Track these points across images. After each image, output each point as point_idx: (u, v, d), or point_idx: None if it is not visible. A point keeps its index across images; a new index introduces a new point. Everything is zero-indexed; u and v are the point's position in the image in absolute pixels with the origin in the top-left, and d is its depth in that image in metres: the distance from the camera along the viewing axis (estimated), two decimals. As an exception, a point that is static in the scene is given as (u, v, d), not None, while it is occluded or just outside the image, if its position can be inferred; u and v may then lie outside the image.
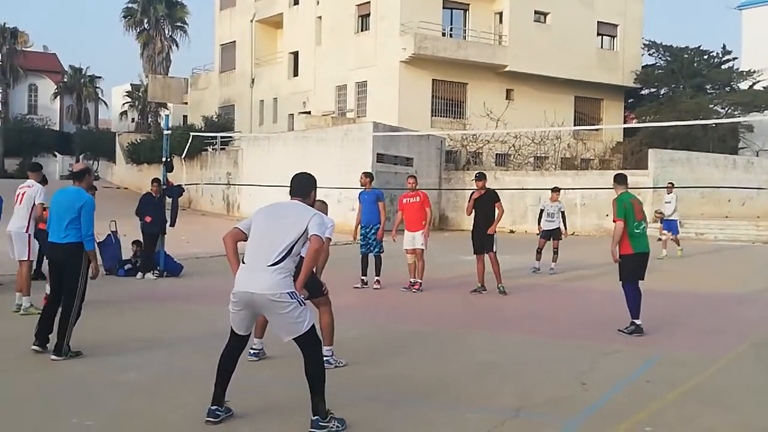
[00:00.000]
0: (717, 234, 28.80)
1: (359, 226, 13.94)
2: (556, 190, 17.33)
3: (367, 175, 14.27)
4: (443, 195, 31.62)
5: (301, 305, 5.53)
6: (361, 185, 14.11)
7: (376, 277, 13.61)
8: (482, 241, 13.05)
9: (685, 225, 29.35)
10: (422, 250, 13.33)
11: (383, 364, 7.42)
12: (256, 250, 5.59)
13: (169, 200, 15.90)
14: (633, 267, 9.74)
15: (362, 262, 13.79)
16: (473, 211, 13.19)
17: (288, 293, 5.47)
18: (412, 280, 13.40)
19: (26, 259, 10.55)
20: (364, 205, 13.87)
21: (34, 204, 10.58)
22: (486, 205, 13.05)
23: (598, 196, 29.91)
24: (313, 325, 5.63)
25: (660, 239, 20.91)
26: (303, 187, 6.07)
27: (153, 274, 14.78)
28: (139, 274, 14.77)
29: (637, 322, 9.62)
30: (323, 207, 7.69)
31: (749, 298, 13.47)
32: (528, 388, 6.97)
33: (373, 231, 13.63)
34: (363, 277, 13.72)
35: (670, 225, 20.85)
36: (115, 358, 7.95)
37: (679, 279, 15.93)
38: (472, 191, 13.66)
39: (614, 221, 9.76)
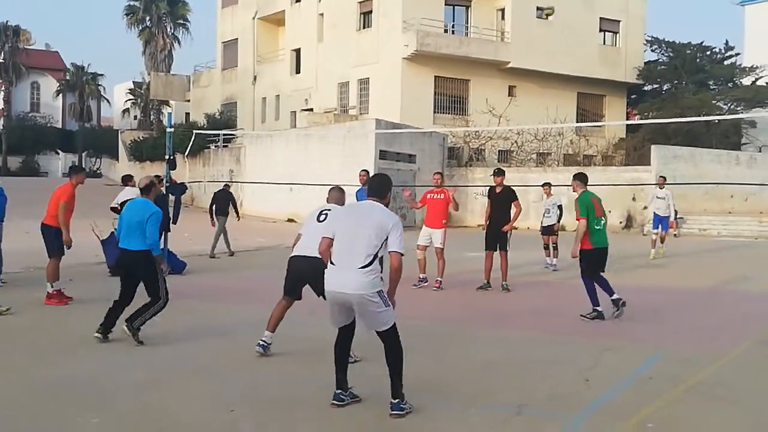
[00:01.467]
0: (720, 230, 28.77)
1: None
2: (547, 185, 17.24)
3: (366, 172, 14.26)
4: (446, 192, 31.52)
5: (386, 305, 5.94)
6: (361, 183, 14.09)
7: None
8: (496, 238, 13.04)
9: (688, 221, 29.37)
10: (441, 249, 13.27)
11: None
12: (345, 252, 5.96)
13: (172, 198, 15.89)
14: (593, 261, 10.40)
15: None
16: (489, 207, 13.22)
17: (377, 292, 5.89)
18: (421, 275, 13.36)
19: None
20: None
21: None
22: (503, 202, 13.06)
23: (600, 193, 29.88)
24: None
25: (652, 236, 19.51)
26: (381, 187, 6.33)
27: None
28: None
29: (599, 309, 10.31)
30: (341, 196, 7.89)
31: (753, 294, 13.45)
32: (531, 384, 6.98)
33: None
34: None
35: (662, 222, 19.27)
36: (121, 356, 7.96)
37: (682, 275, 15.92)
38: (489, 187, 13.63)
39: (577, 219, 10.43)
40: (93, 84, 75.40)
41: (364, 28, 38.36)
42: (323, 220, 7.40)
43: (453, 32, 38.03)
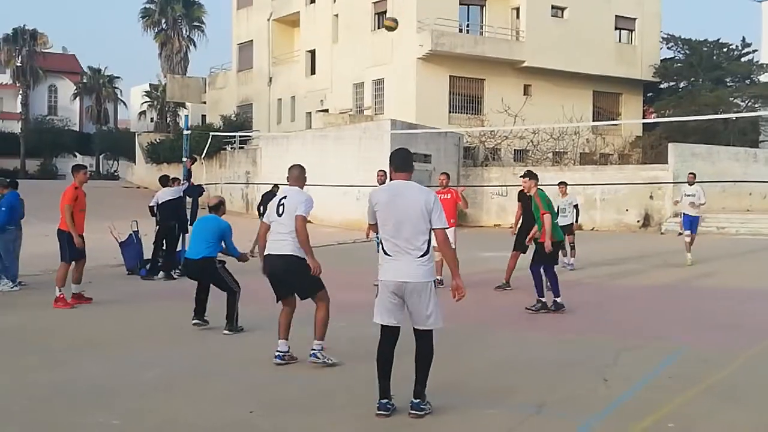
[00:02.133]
0: (738, 228, 28.56)
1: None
2: (562, 184, 17.11)
3: (383, 172, 14.27)
4: (462, 191, 31.50)
5: (437, 301, 5.92)
6: (378, 183, 14.09)
7: None
8: (536, 248, 12.86)
9: (706, 219, 29.18)
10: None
11: (401, 360, 7.43)
12: (399, 241, 5.86)
13: (189, 200, 15.95)
14: (551, 255, 10.96)
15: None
16: (521, 208, 13.27)
17: (433, 282, 5.94)
18: (438, 277, 13.33)
19: None
20: None
21: None
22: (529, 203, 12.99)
23: (617, 191, 29.75)
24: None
25: (685, 239, 17.54)
26: (406, 161, 6.18)
27: (174, 273, 14.83)
28: (161, 274, 14.83)
29: (543, 300, 10.86)
30: (302, 174, 8.03)
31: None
32: (549, 384, 6.96)
33: None
34: None
35: (692, 222, 17.47)
36: (134, 356, 8.01)
37: (700, 274, 15.82)
38: (520, 190, 13.46)
39: (542, 215, 10.94)
40: (110, 87, 75.85)
41: (378, 28, 38.35)
42: (282, 213, 7.47)
43: (468, 32, 37.95)
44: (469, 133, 34.35)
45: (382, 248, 5.97)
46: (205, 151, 21.54)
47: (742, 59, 43.73)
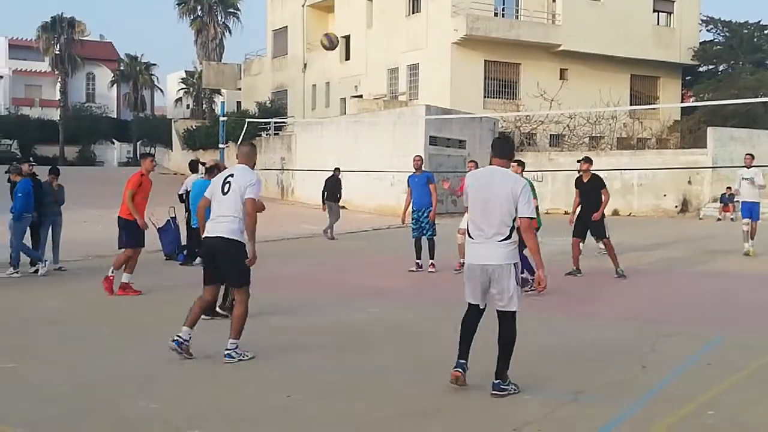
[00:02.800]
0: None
1: (408, 210, 13.93)
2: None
3: (420, 158, 14.27)
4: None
5: (517, 283, 6.17)
6: (415, 168, 14.06)
7: (431, 260, 13.61)
8: (590, 227, 13.13)
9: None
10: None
11: (438, 346, 7.42)
12: (483, 224, 6.13)
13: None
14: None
15: (416, 245, 13.78)
16: (578, 195, 13.34)
17: (514, 264, 6.13)
18: (462, 260, 13.31)
19: None
20: (415, 189, 13.85)
21: None
22: (592, 190, 13.11)
23: (655, 176, 29.42)
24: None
25: (743, 227, 16.31)
26: (506, 149, 6.49)
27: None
28: (198, 259, 14.94)
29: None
30: (251, 151, 7.59)
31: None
32: (586, 371, 6.91)
33: (425, 214, 13.62)
34: (417, 261, 13.73)
35: (752, 210, 16.03)
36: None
37: (744, 259, 15.59)
38: (576, 177, 13.62)
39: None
40: (146, 74, 76.39)
41: (413, 13, 38.21)
42: (227, 192, 7.13)
43: (503, 15, 37.66)
44: (504, 118, 34.14)
45: (468, 231, 6.25)
46: (241, 138, 21.65)
47: (784, 41, 42.90)
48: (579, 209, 13.30)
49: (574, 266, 13.18)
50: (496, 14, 37.10)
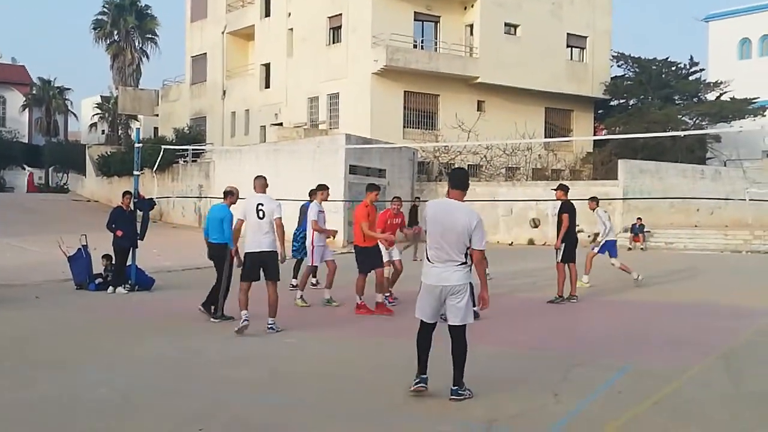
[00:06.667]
0: (686, 243, 29.13)
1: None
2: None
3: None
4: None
5: (470, 300, 6.91)
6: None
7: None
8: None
9: (654, 234, 29.70)
10: (399, 260, 13.49)
11: (359, 377, 7.40)
12: (441, 249, 6.79)
13: (140, 214, 15.70)
14: None
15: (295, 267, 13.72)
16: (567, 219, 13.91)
17: (468, 284, 6.85)
18: (387, 293, 13.26)
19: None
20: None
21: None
22: (558, 216, 14.03)
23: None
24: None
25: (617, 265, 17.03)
26: (462, 180, 7.08)
27: (124, 288, 14.63)
28: (111, 288, 14.61)
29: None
30: (263, 182, 10.73)
31: (718, 309, 13.50)
32: (499, 400, 6.98)
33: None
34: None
35: (609, 248, 17.23)
36: (85, 374, 7.86)
37: (648, 289, 16.04)
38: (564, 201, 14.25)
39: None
40: (60, 98, 74.64)
41: (333, 43, 38.43)
42: (263, 217, 10.03)
43: (422, 47, 38.21)
44: (424, 148, 34.53)
45: (426, 255, 6.91)
46: (156, 164, 21.32)
47: (690, 78, 44.69)
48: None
49: (571, 293, 13.99)
50: (415, 46, 37.62)
